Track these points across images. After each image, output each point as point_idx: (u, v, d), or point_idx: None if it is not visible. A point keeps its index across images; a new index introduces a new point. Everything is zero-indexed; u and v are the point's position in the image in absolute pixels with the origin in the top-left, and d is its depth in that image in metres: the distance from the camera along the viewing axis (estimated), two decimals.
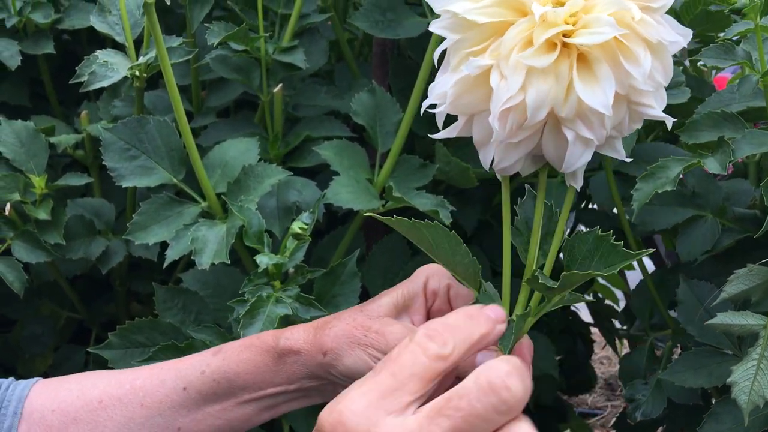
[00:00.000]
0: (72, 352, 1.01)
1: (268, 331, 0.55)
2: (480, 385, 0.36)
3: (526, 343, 0.50)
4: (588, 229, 0.55)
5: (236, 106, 1.03)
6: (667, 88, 0.80)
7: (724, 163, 0.64)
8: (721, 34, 0.76)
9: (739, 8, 0.62)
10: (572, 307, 1.26)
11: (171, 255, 0.69)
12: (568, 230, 1.23)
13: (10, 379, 0.60)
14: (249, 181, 0.72)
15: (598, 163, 0.88)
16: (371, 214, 0.48)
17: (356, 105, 0.80)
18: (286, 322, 0.61)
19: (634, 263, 0.59)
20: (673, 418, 0.90)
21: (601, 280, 1.41)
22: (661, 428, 0.94)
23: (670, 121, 0.44)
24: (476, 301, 0.49)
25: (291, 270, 0.67)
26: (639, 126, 0.44)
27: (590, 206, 1.12)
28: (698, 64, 0.96)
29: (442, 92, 0.42)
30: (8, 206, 0.85)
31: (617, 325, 1.09)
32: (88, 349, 0.78)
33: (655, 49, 0.39)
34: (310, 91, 0.89)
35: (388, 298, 0.55)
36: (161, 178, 0.73)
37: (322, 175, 0.85)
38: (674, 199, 0.83)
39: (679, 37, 0.40)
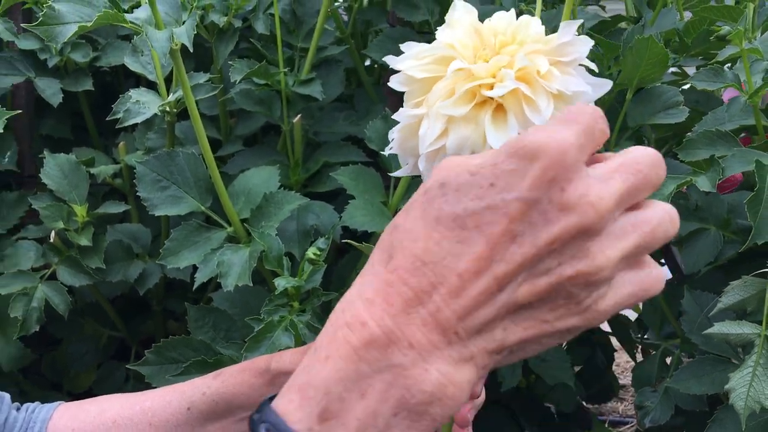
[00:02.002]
0: (114, 368, 1.07)
1: (262, 356, 0.60)
2: (650, 156, 0.38)
3: None
4: None
5: (263, 132, 1.09)
6: (666, 108, 0.84)
7: (714, 181, 0.67)
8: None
9: (724, 35, 0.65)
10: None
11: (200, 278, 0.75)
12: None
13: (36, 403, 0.66)
14: (270, 207, 0.77)
15: None
16: (347, 241, 0.53)
17: (370, 132, 0.85)
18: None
19: None
20: (690, 425, 0.93)
21: None
22: None
23: None
24: None
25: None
26: None
27: None
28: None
29: (392, 137, 0.47)
30: (53, 234, 0.92)
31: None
32: (127, 366, 0.85)
33: (560, 99, 0.42)
34: (328, 119, 0.94)
35: None
36: (190, 206, 0.79)
37: (342, 197, 0.90)
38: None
39: (587, 87, 0.43)
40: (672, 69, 0.97)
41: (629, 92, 0.83)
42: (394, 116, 0.45)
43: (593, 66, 0.46)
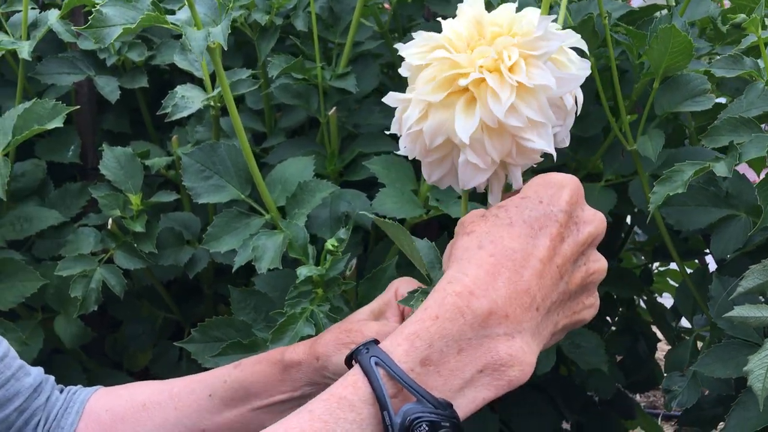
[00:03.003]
0: (168, 347, 1.14)
1: (276, 348, 0.66)
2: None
3: None
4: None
5: (310, 125, 1.14)
6: (693, 96, 0.84)
7: (731, 166, 0.68)
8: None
9: (739, 23, 0.66)
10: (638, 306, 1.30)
11: (238, 261, 0.81)
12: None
13: (78, 386, 0.72)
14: (304, 195, 0.82)
15: (634, 169, 0.92)
16: (377, 216, 0.57)
17: None
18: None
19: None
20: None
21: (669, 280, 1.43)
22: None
23: (554, 153, 0.49)
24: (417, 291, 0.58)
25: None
26: (531, 161, 0.50)
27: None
28: None
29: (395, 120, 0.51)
30: (110, 221, 0.99)
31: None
32: (175, 343, 0.91)
33: (523, 90, 0.45)
34: (365, 111, 0.98)
35: (366, 308, 0.64)
36: (231, 194, 0.84)
37: (376, 186, 0.94)
38: (709, 200, 0.87)
39: (551, 80, 0.46)
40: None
41: (656, 81, 0.84)
42: (384, 99, 0.49)
43: (584, 47, 0.49)
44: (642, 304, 1.30)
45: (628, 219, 1.21)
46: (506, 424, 1.19)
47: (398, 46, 0.50)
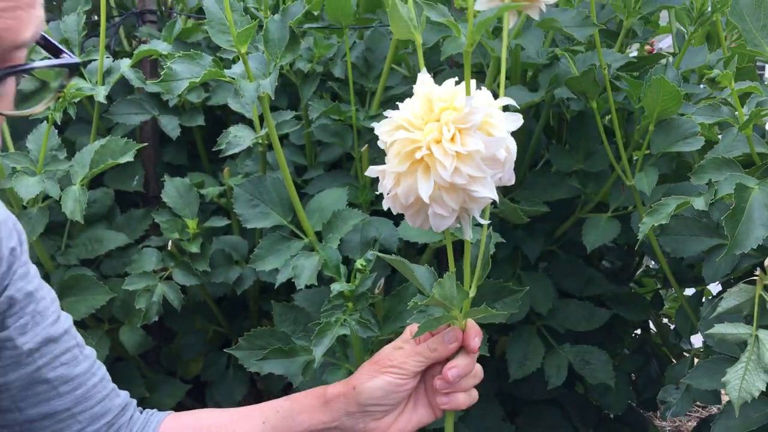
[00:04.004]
0: (217, 357, 1.27)
1: (320, 387, 0.77)
2: None
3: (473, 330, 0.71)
4: None
5: (346, 159, 1.27)
6: (684, 138, 0.94)
7: (707, 201, 0.78)
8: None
9: (713, 77, 0.77)
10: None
11: (280, 278, 0.93)
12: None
13: (154, 410, 0.83)
14: (338, 222, 0.94)
15: (634, 204, 1.02)
16: (381, 255, 0.69)
17: None
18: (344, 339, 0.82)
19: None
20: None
21: None
22: None
23: (496, 198, 0.60)
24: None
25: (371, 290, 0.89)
26: (483, 204, 0.61)
27: None
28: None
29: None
30: (170, 243, 1.13)
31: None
32: (225, 350, 1.03)
33: (461, 156, 0.58)
34: None
35: (389, 345, 0.76)
36: (275, 220, 0.97)
37: (402, 215, 1.06)
38: (701, 230, 0.96)
39: (481, 146, 0.58)
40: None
41: (651, 124, 0.94)
42: (366, 172, 0.61)
43: (515, 104, 0.61)
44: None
45: None
46: None
47: (374, 125, 0.62)
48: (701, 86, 1.07)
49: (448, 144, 0.57)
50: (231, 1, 0.85)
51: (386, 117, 0.61)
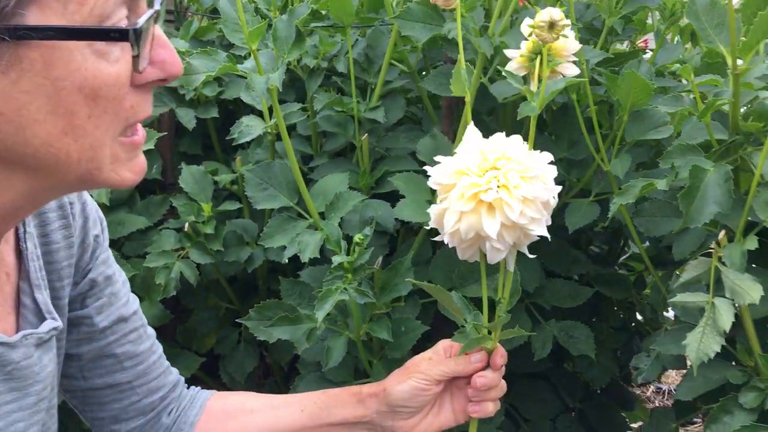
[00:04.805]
0: (229, 332, 1.37)
1: (355, 386, 0.87)
2: None
3: (499, 351, 0.81)
4: None
5: (350, 149, 1.36)
6: (656, 127, 1.03)
7: (669, 183, 0.87)
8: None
9: (674, 72, 0.85)
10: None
11: (287, 253, 1.03)
12: None
13: (198, 387, 0.90)
14: (339, 203, 1.04)
15: None
16: (417, 283, 0.79)
17: (420, 147, 1.10)
18: (343, 304, 0.92)
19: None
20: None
21: None
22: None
23: (548, 236, 0.70)
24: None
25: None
26: (531, 240, 0.71)
27: None
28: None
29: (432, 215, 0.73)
30: (187, 225, 1.23)
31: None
32: (237, 320, 1.13)
33: (526, 200, 0.67)
34: (392, 138, 1.20)
35: (418, 356, 0.85)
36: (282, 202, 1.07)
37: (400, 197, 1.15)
38: (672, 212, 1.05)
39: (544, 192, 0.68)
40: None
41: (625, 114, 1.03)
42: (429, 210, 0.71)
43: (551, 158, 0.70)
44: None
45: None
46: (515, 409, 1.37)
47: (428, 168, 0.72)
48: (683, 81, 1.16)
49: (515, 189, 0.67)
50: (243, 2, 0.95)
51: (439, 162, 0.71)
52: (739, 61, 0.85)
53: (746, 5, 1.09)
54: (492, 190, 0.68)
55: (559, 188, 0.72)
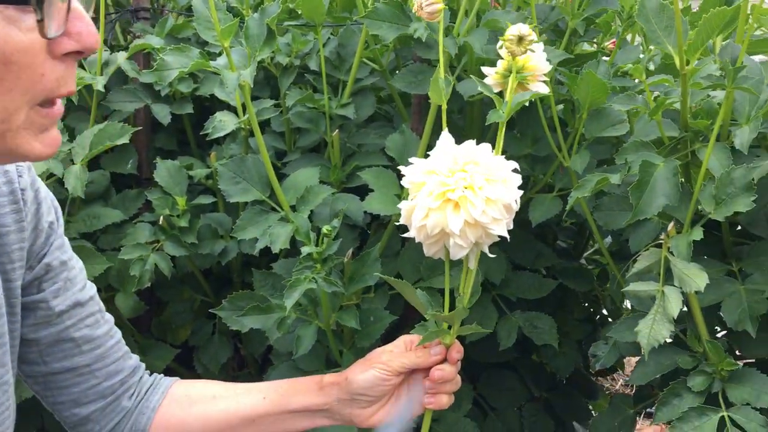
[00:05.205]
0: (203, 324, 1.40)
1: (317, 375, 0.90)
2: None
3: (456, 346, 0.85)
4: None
5: (324, 145, 1.40)
6: (613, 125, 1.08)
7: (622, 177, 0.92)
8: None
9: (626, 71, 0.90)
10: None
11: (259, 245, 1.06)
12: None
13: (161, 375, 0.92)
14: (309, 196, 1.07)
15: None
16: (385, 278, 0.82)
17: (389, 142, 1.14)
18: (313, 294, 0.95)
19: None
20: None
21: None
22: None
23: (506, 236, 0.75)
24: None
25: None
26: (493, 240, 0.75)
27: None
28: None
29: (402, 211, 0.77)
30: (161, 218, 1.26)
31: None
32: (210, 310, 1.16)
33: (489, 201, 0.72)
34: (363, 134, 1.24)
35: (380, 348, 0.88)
36: (255, 195, 1.10)
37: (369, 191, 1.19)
38: (629, 206, 1.09)
39: (505, 194, 0.73)
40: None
41: (584, 112, 1.08)
42: (399, 205, 0.75)
43: (517, 166, 0.74)
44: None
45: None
46: (483, 398, 1.42)
47: (402, 168, 0.77)
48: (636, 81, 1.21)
49: (480, 190, 0.72)
50: (216, 0, 0.98)
51: (411, 163, 0.75)
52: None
53: (702, 7, 1.14)
54: (458, 190, 0.73)
55: (521, 192, 0.77)
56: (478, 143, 1.29)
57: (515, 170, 0.77)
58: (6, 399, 0.74)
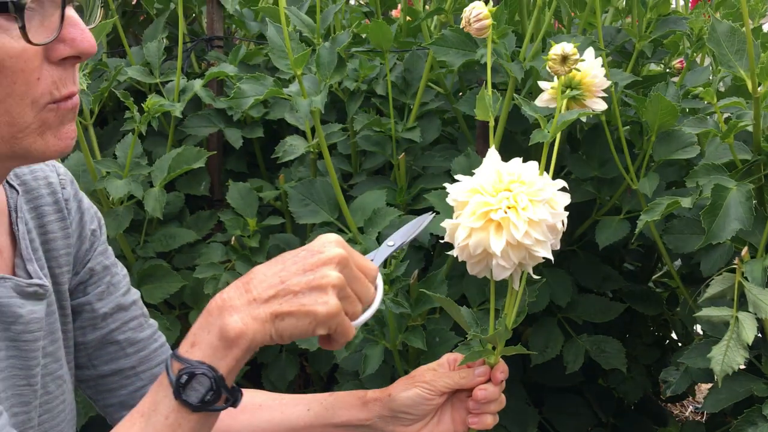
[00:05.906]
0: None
1: (361, 390, 0.89)
2: None
3: (500, 366, 0.83)
4: None
5: (389, 167, 1.42)
6: (683, 147, 1.07)
7: (694, 201, 0.91)
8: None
9: (697, 94, 0.89)
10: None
11: None
12: None
13: None
14: (377, 218, 1.09)
15: None
16: (431, 294, 0.83)
17: (455, 165, 1.15)
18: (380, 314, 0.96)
19: None
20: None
21: None
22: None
23: (551, 258, 0.73)
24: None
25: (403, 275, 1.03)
26: (537, 261, 0.74)
27: None
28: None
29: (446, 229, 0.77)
30: (233, 239, 1.30)
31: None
32: None
33: (532, 222, 0.71)
34: (428, 157, 1.25)
35: (424, 366, 0.88)
36: (323, 217, 1.13)
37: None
38: (700, 229, 1.08)
39: (548, 215, 0.71)
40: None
41: (652, 135, 1.07)
42: (443, 223, 0.75)
43: (565, 184, 0.74)
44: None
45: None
46: (549, 423, 1.41)
47: (447, 186, 0.76)
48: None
49: (523, 211, 0.71)
50: (288, 30, 1.02)
51: (459, 181, 0.76)
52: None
53: None
54: (501, 210, 0.72)
55: (567, 213, 0.75)
56: (548, 168, 1.30)
57: (563, 189, 0.76)
58: (60, 393, 0.78)
